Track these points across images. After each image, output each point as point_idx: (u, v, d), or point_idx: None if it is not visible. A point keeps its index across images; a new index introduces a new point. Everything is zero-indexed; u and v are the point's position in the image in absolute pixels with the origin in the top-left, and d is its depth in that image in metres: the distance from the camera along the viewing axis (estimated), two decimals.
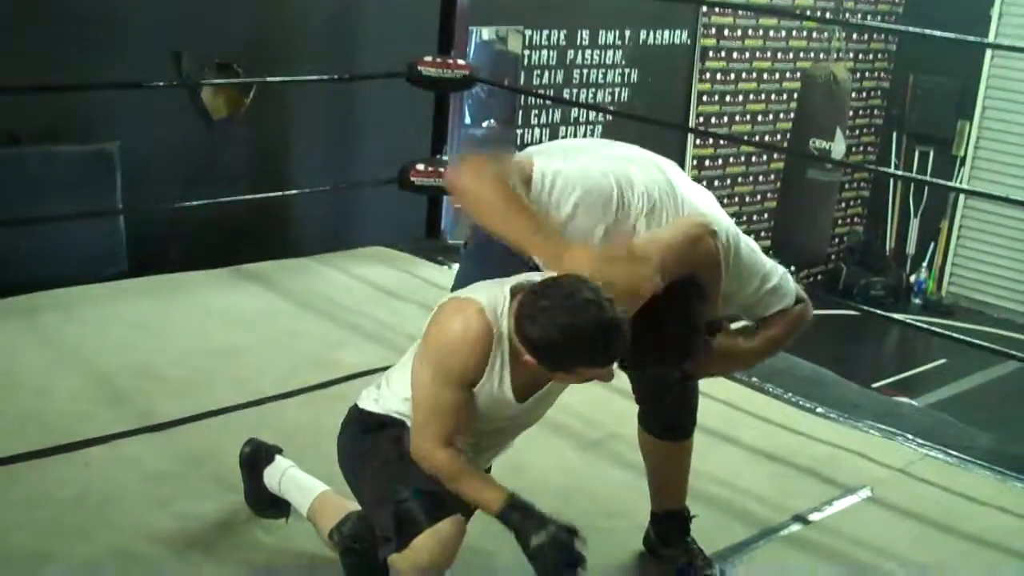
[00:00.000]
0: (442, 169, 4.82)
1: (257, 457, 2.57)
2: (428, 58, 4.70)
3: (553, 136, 6.57)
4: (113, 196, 4.48)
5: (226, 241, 4.73)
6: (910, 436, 3.53)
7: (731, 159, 7.62)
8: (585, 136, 6.58)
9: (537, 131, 6.52)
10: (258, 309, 4.15)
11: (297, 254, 4.75)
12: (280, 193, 4.90)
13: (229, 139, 4.95)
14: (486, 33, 6.37)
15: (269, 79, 4.83)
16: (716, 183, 7.39)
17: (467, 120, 6.70)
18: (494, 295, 2.01)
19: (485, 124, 6.91)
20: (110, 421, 3.11)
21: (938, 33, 4.00)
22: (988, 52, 7.96)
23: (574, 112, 6.58)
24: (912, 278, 8.65)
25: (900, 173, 8.61)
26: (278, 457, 2.55)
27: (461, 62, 4.78)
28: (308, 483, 2.47)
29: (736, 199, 7.69)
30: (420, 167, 4.81)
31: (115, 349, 3.61)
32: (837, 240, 8.68)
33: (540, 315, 1.90)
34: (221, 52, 4.79)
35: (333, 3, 5.19)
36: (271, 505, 2.56)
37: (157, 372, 3.46)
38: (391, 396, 2.17)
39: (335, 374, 3.54)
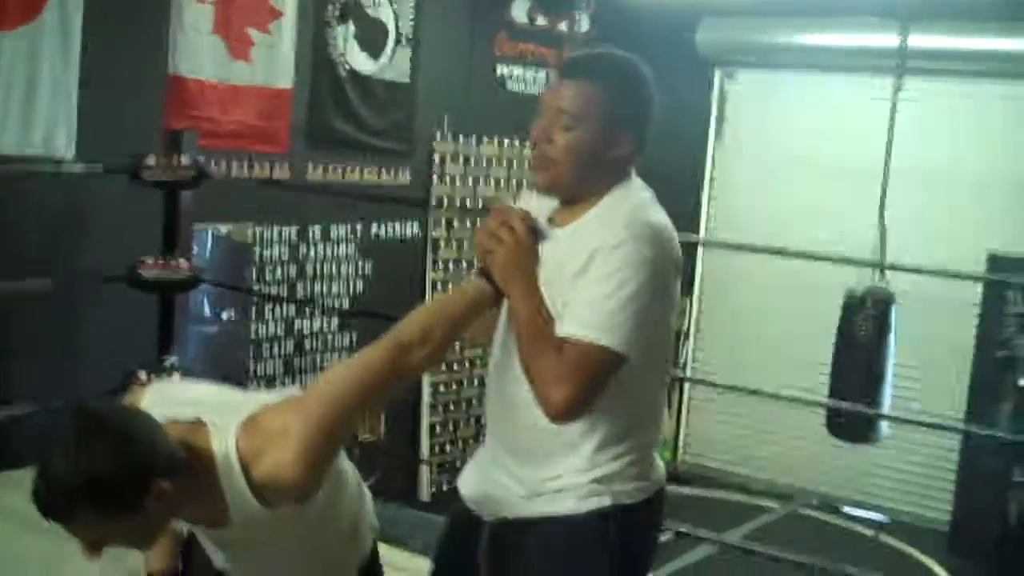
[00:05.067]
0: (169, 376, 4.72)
1: None
2: (149, 260, 4.65)
3: (289, 329, 6.59)
4: None
5: None
6: None
7: None
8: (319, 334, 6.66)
9: (272, 325, 6.52)
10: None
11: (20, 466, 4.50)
12: None
13: None
14: (224, 228, 6.37)
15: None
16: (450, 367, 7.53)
17: (207, 312, 6.63)
18: None
19: (224, 315, 6.86)
20: None
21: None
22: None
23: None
24: None
25: None
26: None
27: (183, 262, 4.75)
28: None
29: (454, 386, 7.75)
30: (143, 375, 4.69)
31: None
32: None
33: None
34: None
35: (54, 206, 5.10)
36: None
37: None
38: None
39: None
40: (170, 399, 2.04)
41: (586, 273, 2.09)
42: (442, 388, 7.52)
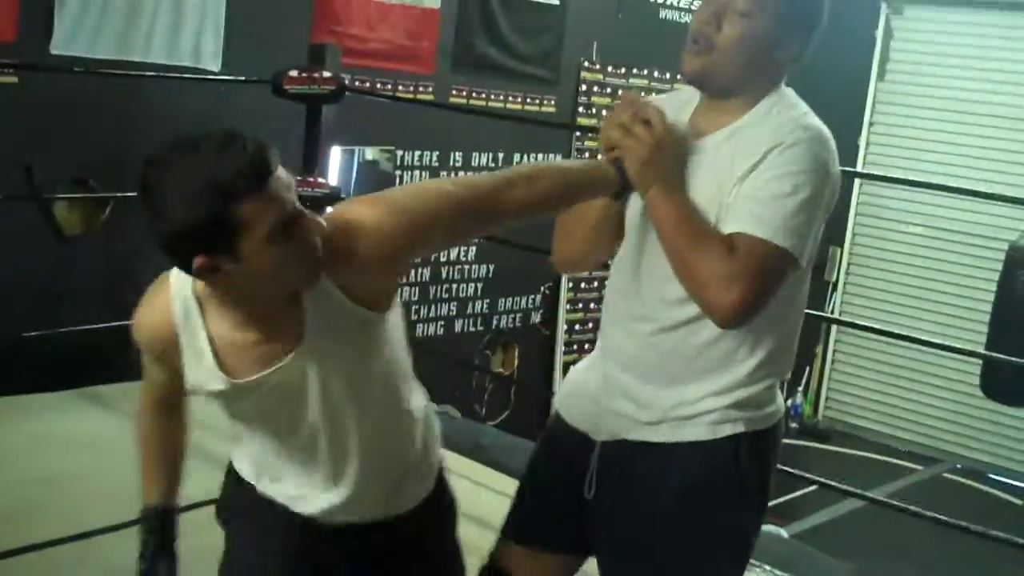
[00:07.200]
0: None
1: None
2: None
3: (426, 257, 6.53)
4: None
5: (78, 362, 4.50)
6: (768, 568, 3.47)
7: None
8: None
9: None
10: (100, 434, 3.94)
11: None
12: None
13: (83, 256, 4.78)
14: (370, 153, 6.33)
15: (127, 194, 4.66)
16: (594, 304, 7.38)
17: None
18: None
19: None
20: None
21: None
22: (856, 180, 8.19)
23: None
24: (789, 402, 8.72)
25: None
26: None
27: (322, 181, 4.71)
28: None
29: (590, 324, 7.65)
30: None
31: None
32: None
33: None
34: (75, 166, 4.64)
35: (195, 117, 5.09)
36: None
37: None
38: None
39: None
40: None
41: (757, 172, 1.89)
42: (577, 327, 7.40)
